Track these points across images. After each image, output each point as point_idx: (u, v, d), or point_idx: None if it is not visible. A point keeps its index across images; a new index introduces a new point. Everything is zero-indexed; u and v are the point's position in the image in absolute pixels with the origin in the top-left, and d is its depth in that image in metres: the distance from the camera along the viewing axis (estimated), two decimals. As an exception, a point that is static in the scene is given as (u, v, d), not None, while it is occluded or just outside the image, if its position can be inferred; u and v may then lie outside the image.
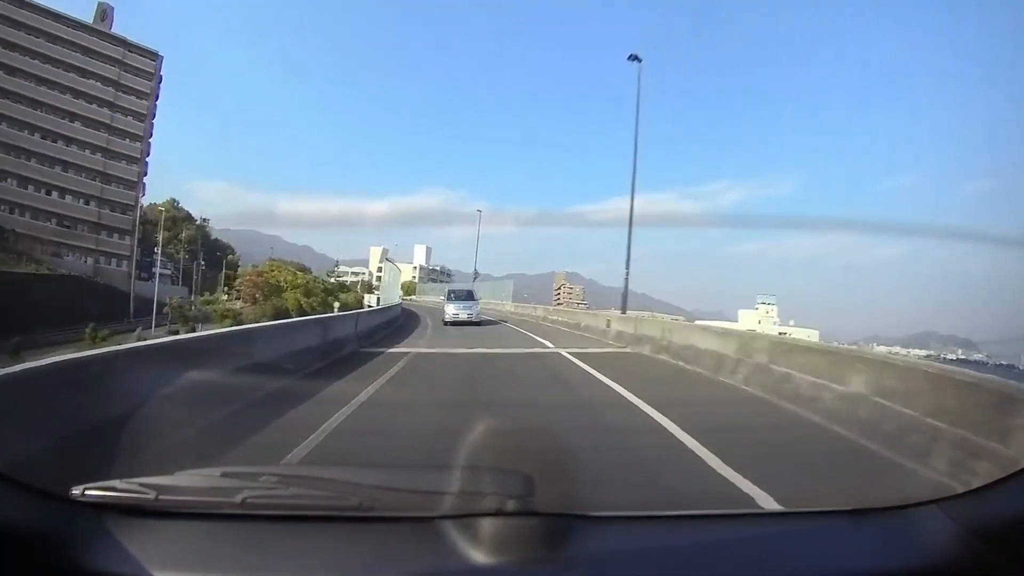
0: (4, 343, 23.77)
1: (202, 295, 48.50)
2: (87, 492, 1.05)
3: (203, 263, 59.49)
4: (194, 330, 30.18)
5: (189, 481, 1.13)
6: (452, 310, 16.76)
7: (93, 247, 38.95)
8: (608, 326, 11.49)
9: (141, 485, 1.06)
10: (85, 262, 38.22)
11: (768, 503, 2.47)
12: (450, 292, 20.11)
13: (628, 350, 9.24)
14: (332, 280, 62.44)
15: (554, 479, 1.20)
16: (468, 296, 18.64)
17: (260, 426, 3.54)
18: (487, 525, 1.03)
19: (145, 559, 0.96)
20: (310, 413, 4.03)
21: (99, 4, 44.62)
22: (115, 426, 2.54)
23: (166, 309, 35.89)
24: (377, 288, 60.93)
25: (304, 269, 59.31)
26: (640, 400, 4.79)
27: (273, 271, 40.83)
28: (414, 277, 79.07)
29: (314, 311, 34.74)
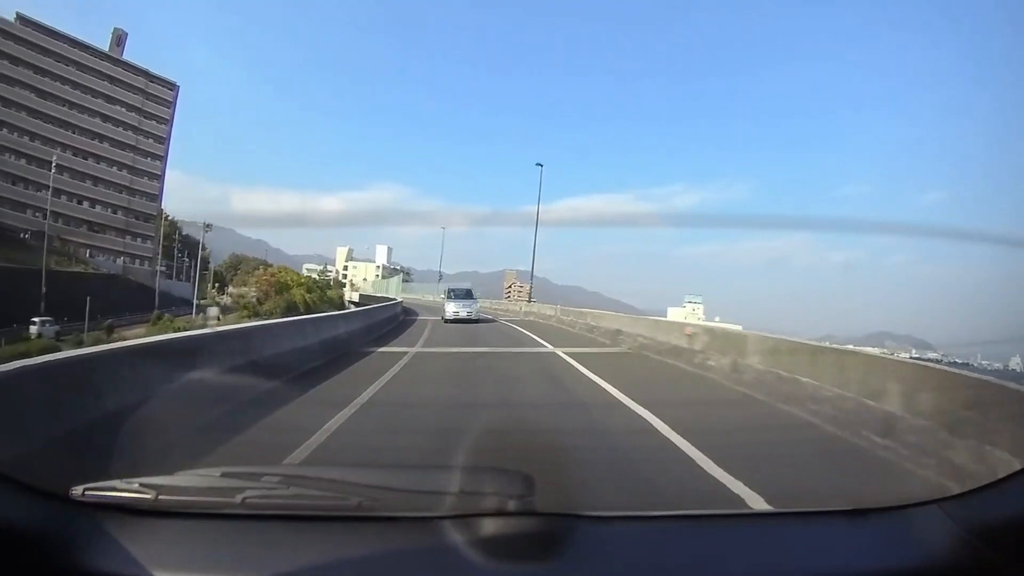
0: (98, 323, 31.66)
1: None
2: (87, 492, 1.06)
3: (187, 259, 65.52)
4: (219, 319, 38.21)
5: (189, 481, 1.14)
6: (452, 308, 17.13)
7: (121, 250, 45.72)
8: (520, 309, 22.30)
9: (141, 485, 1.07)
10: (115, 262, 44.96)
11: (561, 352, 12.90)
12: (450, 291, 19.92)
13: (525, 319, 19.81)
14: (318, 278, 70.04)
15: (553, 478, 1.29)
16: (467, 295, 18.92)
17: (409, 334, 13.73)
18: (487, 525, 1.03)
19: (145, 559, 0.96)
20: (415, 329, 14.22)
21: (115, 29, 50.86)
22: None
23: (204, 301, 43.52)
24: (348, 285, 68.05)
25: (267, 265, 66.38)
26: (523, 328, 14.96)
27: (280, 272, 48.99)
28: (377, 275, 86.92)
29: (314, 305, 43.62)
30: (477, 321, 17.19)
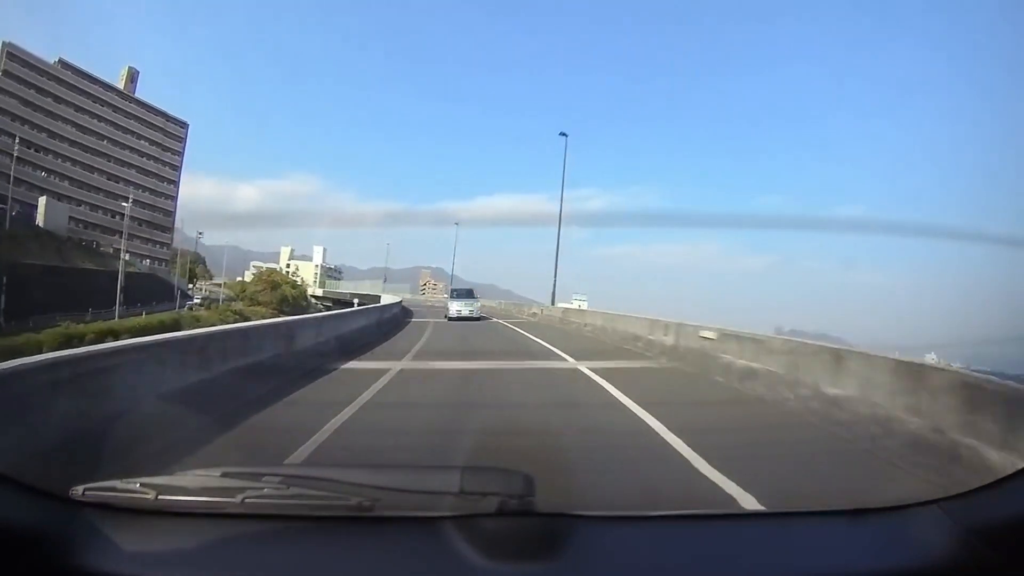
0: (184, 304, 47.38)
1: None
2: (87, 492, 1.08)
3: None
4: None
5: (189, 481, 1.16)
6: (455, 307, 18.83)
7: (147, 254, 59.13)
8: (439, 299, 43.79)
9: (141, 485, 1.10)
10: (142, 262, 58.40)
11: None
12: (452, 291, 21.90)
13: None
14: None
15: (554, 478, 1.35)
16: (469, 295, 20.56)
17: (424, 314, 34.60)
18: (487, 525, 1.06)
19: (145, 559, 0.99)
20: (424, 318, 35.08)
21: (128, 68, 63.52)
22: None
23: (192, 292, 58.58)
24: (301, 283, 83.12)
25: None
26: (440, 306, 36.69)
27: (273, 274, 65.10)
28: (316, 274, 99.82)
29: (297, 299, 60.97)
30: (478, 319, 18.57)
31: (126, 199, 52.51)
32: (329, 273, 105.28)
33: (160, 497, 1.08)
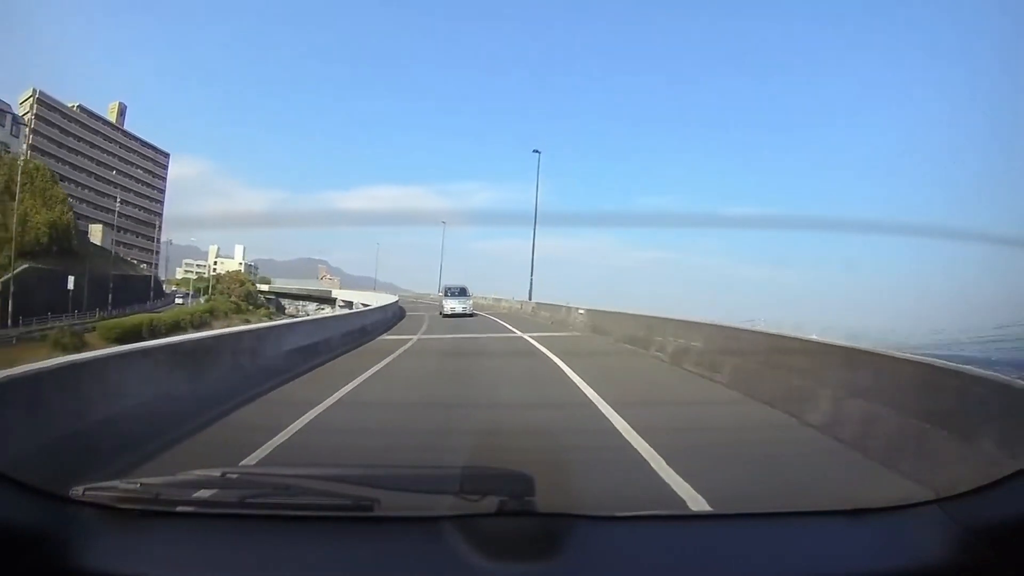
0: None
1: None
2: (87, 492, 1.13)
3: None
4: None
5: (189, 481, 1.21)
6: (449, 304, 20.41)
7: (142, 259, 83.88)
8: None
9: (141, 485, 1.15)
10: (141, 266, 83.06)
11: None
12: (447, 289, 23.23)
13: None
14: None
15: (554, 478, 1.40)
16: (462, 292, 22.25)
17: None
18: (487, 525, 1.11)
19: (145, 559, 1.03)
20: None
21: (119, 103, 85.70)
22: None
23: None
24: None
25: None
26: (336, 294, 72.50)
27: (238, 275, 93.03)
28: (240, 271, 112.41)
29: (255, 294, 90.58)
30: (472, 315, 20.41)
31: (152, 225, 78.53)
32: (249, 270, 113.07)
33: (160, 497, 1.14)
